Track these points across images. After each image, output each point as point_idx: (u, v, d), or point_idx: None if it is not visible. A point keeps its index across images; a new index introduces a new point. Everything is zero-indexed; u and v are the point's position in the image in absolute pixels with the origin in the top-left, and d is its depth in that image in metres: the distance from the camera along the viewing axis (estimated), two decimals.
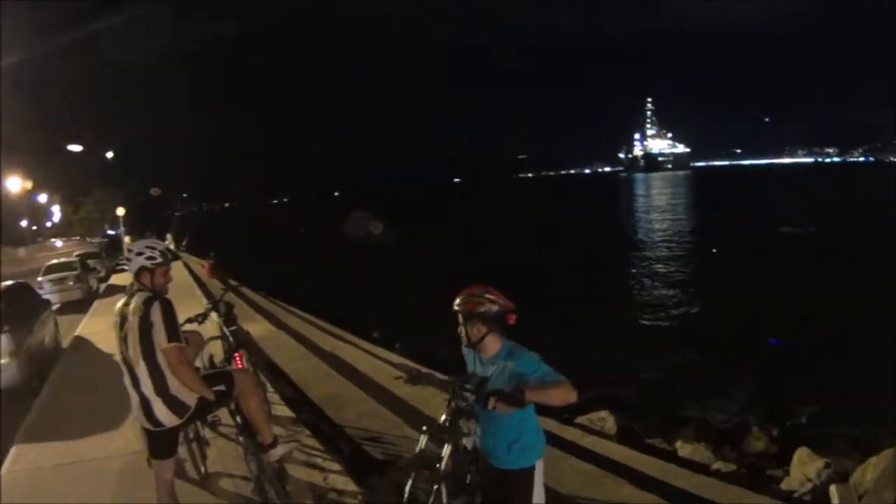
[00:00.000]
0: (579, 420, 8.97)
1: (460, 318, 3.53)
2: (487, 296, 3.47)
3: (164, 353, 3.95)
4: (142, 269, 4.18)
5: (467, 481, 4.08)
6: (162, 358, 3.97)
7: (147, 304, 3.98)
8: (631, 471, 5.96)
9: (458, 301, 3.52)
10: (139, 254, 4.20)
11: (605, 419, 9.13)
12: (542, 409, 8.16)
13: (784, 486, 7.59)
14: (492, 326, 3.47)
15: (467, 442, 4.06)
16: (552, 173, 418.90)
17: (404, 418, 7.21)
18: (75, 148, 53.55)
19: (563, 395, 3.19)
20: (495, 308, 3.45)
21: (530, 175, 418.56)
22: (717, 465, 8.14)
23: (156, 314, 3.94)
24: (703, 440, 9.00)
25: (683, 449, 8.61)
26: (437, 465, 3.87)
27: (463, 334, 3.57)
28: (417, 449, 4.04)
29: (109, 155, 63.18)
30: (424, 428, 4.10)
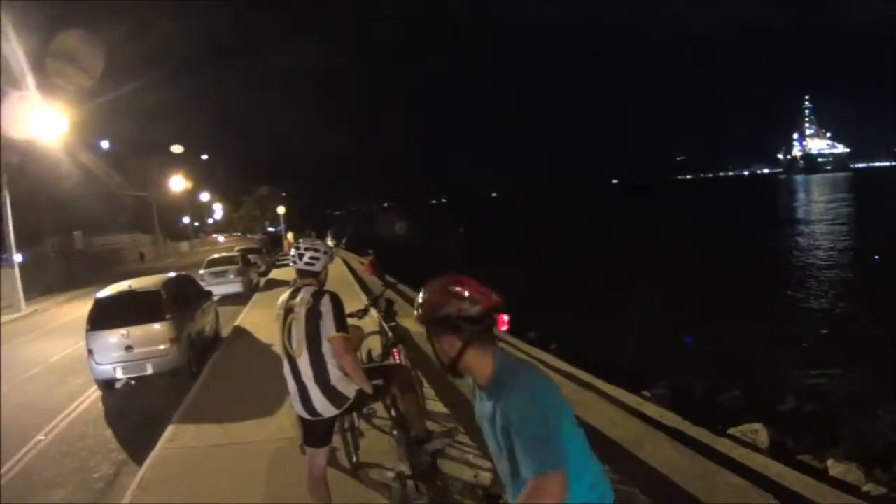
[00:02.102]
0: (731, 431, 8.73)
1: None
2: (455, 288, 2.38)
3: (331, 343, 4.19)
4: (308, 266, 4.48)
5: None
6: (326, 349, 4.21)
7: (316, 297, 4.25)
8: (780, 487, 5.78)
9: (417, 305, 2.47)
10: (307, 251, 4.49)
11: (758, 432, 8.89)
12: (692, 416, 8.00)
13: None
14: (471, 337, 2.35)
15: None
16: (710, 175, 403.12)
17: None
18: (177, 149, 57.92)
19: None
20: (469, 308, 2.34)
21: (689, 177, 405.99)
22: (868, 488, 7.70)
23: (325, 306, 4.20)
24: (855, 459, 8.56)
25: (835, 468, 8.20)
26: None
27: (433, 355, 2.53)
28: None
29: (204, 157, 68.01)
30: None
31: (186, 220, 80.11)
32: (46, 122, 26.85)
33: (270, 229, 77.52)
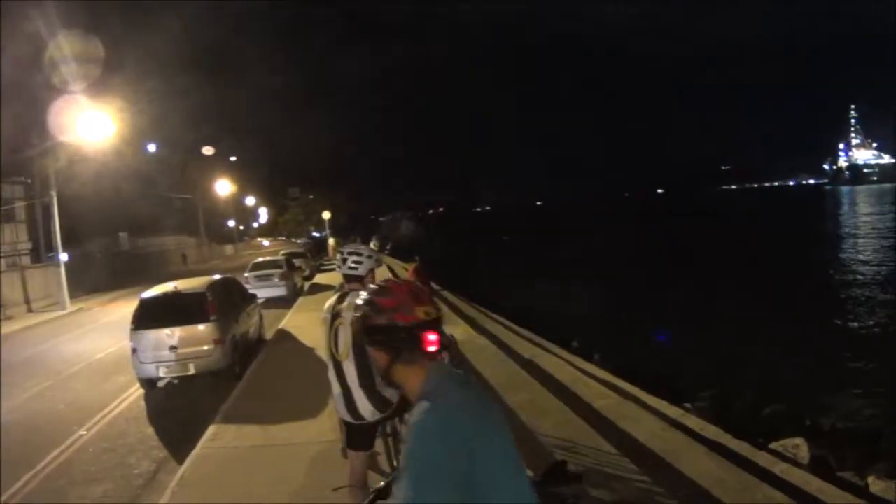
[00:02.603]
0: (773, 445, 8.58)
1: None
2: (377, 298, 2.23)
3: None
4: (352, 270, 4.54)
5: None
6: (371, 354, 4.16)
7: None
8: (819, 503, 5.70)
9: None
10: (350, 256, 4.57)
11: (799, 447, 8.73)
12: (733, 429, 7.89)
13: None
14: (395, 352, 2.20)
15: None
16: (756, 185, 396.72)
17: (600, 431, 7.20)
18: (208, 151, 58.78)
19: None
20: (378, 320, 2.20)
21: (734, 187, 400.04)
22: None
23: None
24: None
25: (875, 485, 8.01)
26: None
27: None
28: None
29: (233, 158, 68.95)
30: None
31: (231, 223, 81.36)
32: (94, 125, 27.49)
33: (315, 234, 78.27)
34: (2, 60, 26.90)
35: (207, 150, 58.59)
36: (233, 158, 68.42)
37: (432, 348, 2.16)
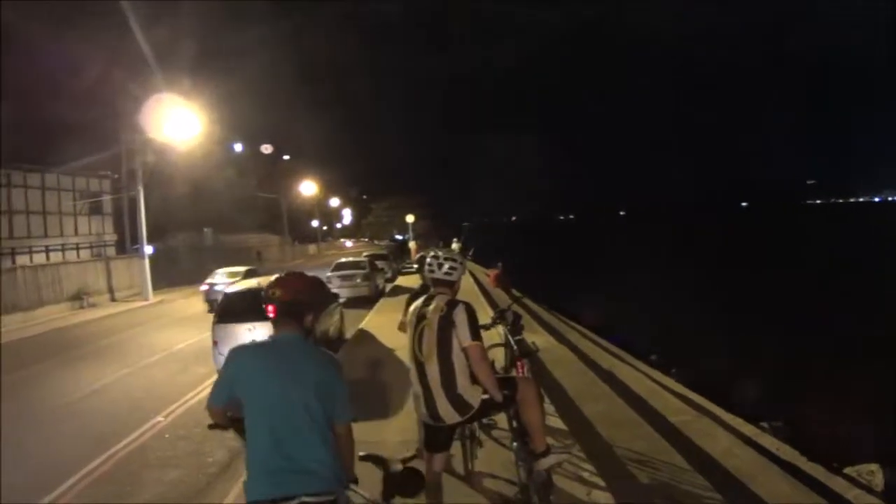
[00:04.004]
0: (847, 470, 8.33)
1: None
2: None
3: (468, 350, 4.28)
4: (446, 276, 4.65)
5: None
6: (456, 357, 4.31)
7: (450, 305, 4.38)
8: None
9: None
10: (447, 261, 4.66)
11: (875, 473, 8.51)
12: (808, 451, 7.80)
13: None
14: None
15: None
16: (840, 200, 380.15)
17: (675, 445, 7.15)
18: (267, 149, 59.67)
19: None
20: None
21: (818, 202, 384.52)
22: None
23: (459, 316, 4.31)
24: None
25: None
26: None
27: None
28: None
29: (286, 157, 69.68)
30: None
31: (315, 223, 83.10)
32: (182, 124, 28.66)
33: (398, 237, 79.19)
34: (90, 59, 28.39)
35: (266, 149, 59.94)
36: (286, 157, 69.46)
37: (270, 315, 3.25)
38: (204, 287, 23.11)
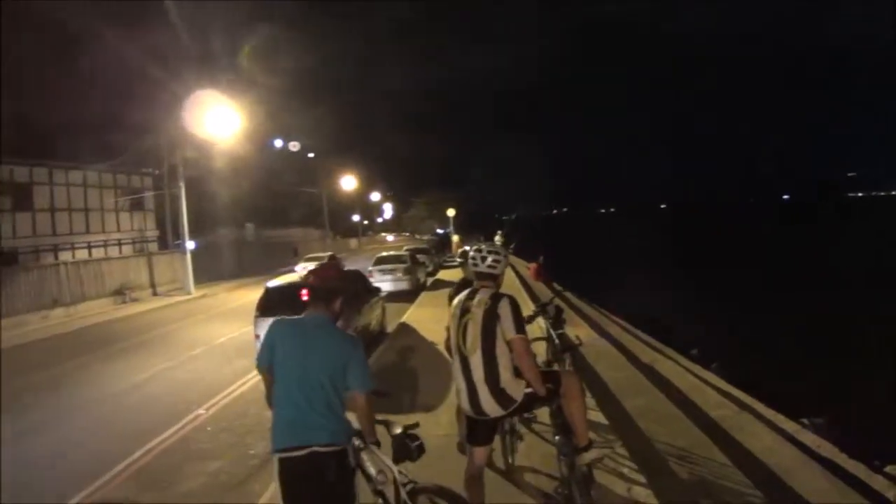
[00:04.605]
0: (889, 469, 8.07)
1: None
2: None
3: (512, 344, 4.29)
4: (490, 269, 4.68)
5: None
6: (500, 350, 4.33)
7: (494, 298, 4.39)
8: None
9: None
10: (490, 254, 4.69)
11: None
12: (849, 449, 7.56)
13: None
14: None
15: None
16: (882, 193, 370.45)
17: (716, 441, 7.13)
18: (294, 146, 59.92)
19: None
20: None
21: (860, 195, 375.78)
22: None
23: (504, 309, 4.32)
24: None
25: None
26: None
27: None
28: None
29: (311, 155, 69.82)
30: None
31: (356, 217, 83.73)
32: (223, 120, 29.09)
33: (439, 231, 79.41)
34: (131, 56, 28.90)
35: (294, 146, 60.43)
36: (311, 155, 69.92)
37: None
38: (300, 268, 24.42)
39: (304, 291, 4.00)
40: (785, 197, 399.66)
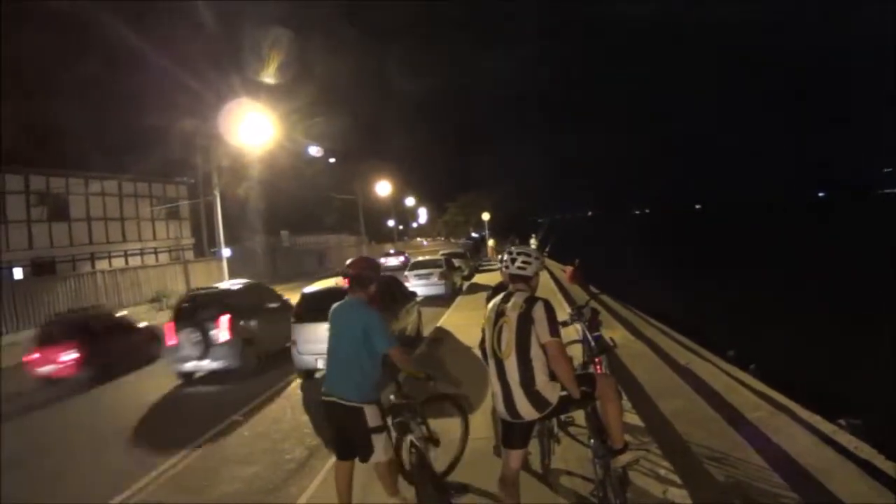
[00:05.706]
0: None
1: None
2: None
3: (547, 347, 4.32)
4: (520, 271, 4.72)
5: None
6: (534, 354, 4.35)
7: (529, 302, 4.42)
8: None
9: None
10: (519, 256, 4.72)
11: None
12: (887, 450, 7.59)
13: None
14: None
15: None
16: None
17: (751, 442, 7.06)
18: (318, 152, 59.99)
19: None
20: None
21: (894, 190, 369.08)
22: None
23: (538, 312, 4.35)
24: None
25: None
26: None
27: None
28: None
29: (332, 160, 69.84)
30: None
31: (391, 223, 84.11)
32: (257, 128, 29.34)
33: (474, 235, 79.42)
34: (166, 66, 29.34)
35: (316, 151, 60.66)
36: (332, 160, 70.18)
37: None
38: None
39: (345, 280, 5.45)
40: (820, 194, 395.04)
